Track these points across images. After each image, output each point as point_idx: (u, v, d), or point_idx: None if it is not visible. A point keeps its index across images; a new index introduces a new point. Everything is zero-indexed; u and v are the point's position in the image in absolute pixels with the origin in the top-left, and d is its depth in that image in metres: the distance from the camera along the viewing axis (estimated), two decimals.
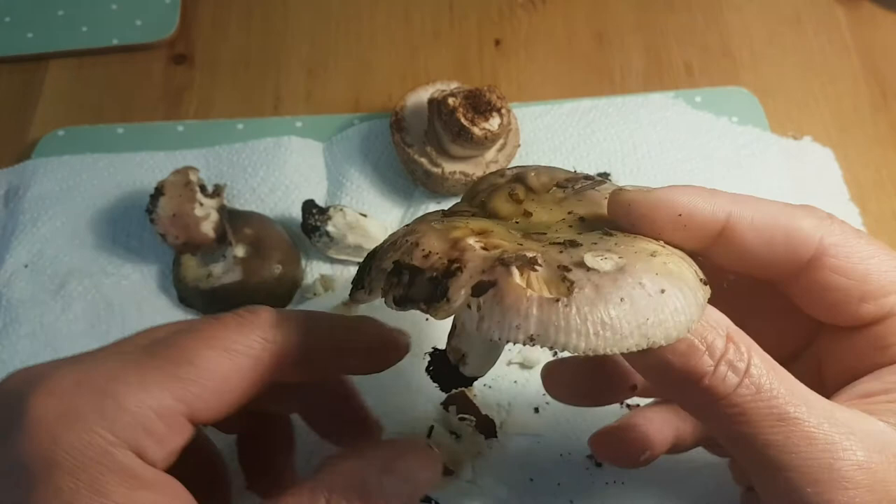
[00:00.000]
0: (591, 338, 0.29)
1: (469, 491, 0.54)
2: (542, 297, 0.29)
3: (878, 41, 0.78)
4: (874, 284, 0.35)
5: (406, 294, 0.32)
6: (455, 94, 0.63)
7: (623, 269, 0.30)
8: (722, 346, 0.31)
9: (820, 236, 0.35)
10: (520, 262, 0.31)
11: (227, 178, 0.70)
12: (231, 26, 0.82)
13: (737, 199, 0.36)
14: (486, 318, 0.30)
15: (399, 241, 0.34)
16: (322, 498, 0.35)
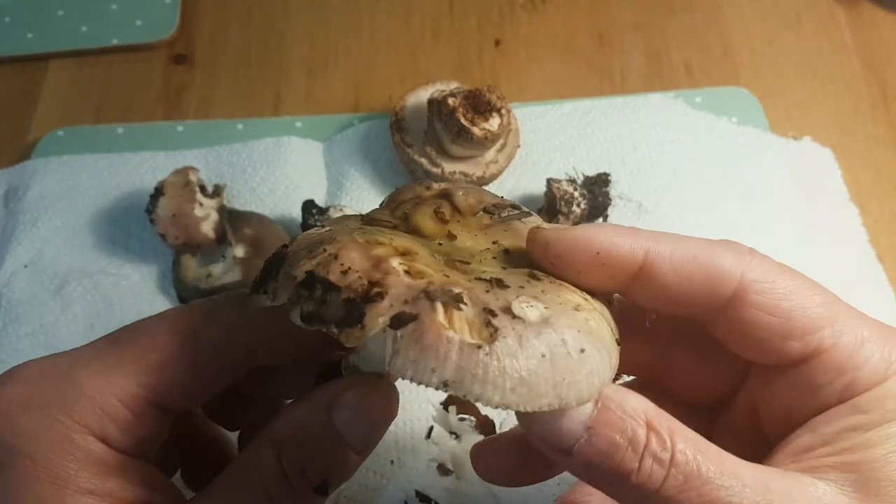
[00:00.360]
0: (506, 392, 0.28)
1: (469, 491, 0.54)
2: (463, 341, 0.28)
3: (877, 41, 0.78)
4: (798, 322, 0.34)
5: (317, 311, 0.30)
6: (455, 95, 0.63)
7: (548, 322, 0.30)
8: (643, 436, 0.30)
9: (741, 273, 0.34)
10: (445, 298, 0.29)
11: (226, 178, 0.70)
12: (231, 26, 0.82)
13: (656, 237, 0.35)
14: (401, 354, 0.28)
15: (315, 248, 0.31)
16: (271, 452, 0.34)
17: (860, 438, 0.32)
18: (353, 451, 0.35)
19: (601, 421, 0.30)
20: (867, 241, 0.65)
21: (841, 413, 0.33)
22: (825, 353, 0.34)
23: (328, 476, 0.34)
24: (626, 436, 0.30)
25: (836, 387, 0.34)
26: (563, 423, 0.30)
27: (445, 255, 0.35)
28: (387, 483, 0.54)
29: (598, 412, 0.30)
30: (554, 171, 0.69)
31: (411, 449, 0.55)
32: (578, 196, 0.64)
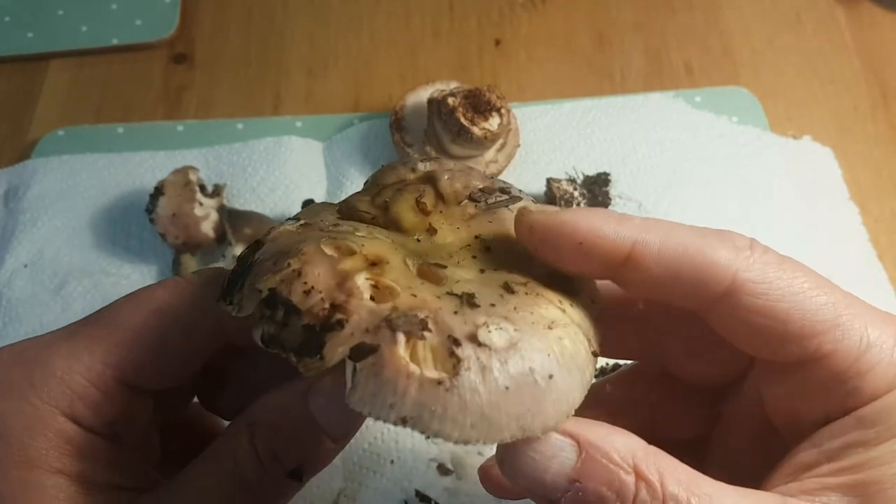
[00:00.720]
0: (466, 429, 0.27)
1: (469, 491, 0.54)
2: (423, 377, 0.27)
3: (877, 41, 0.78)
4: (796, 325, 0.32)
5: (277, 335, 0.29)
6: (455, 94, 0.63)
7: (516, 347, 0.28)
8: (632, 485, 0.29)
9: (734, 271, 0.32)
10: (408, 328, 0.27)
11: (226, 178, 0.70)
12: (231, 26, 0.82)
13: (646, 227, 0.33)
14: (359, 388, 0.27)
15: (280, 261, 0.30)
16: (246, 437, 0.34)
17: (865, 456, 0.31)
18: (329, 439, 0.34)
19: (586, 473, 0.29)
20: (867, 241, 0.65)
21: (846, 427, 0.32)
22: (825, 359, 0.32)
23: (303, 462, 0.34)
24: (614, 487, 0.29)
25: (837, 394, 0.32)
26: (546, 479, 0.29)
27: (421, 257, 0.33)
28: (387, 483, 0.54)
29: (583, 463, 0.29)
30: (554, 171, 0.69)
31: (411, 449, 0.55)
32: (578, 196, 0.64)
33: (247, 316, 0.30)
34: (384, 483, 0.54)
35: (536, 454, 0.29)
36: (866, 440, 0.31)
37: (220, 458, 0.34)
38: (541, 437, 0.29)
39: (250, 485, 0.34)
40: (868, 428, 0.31)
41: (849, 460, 0.31)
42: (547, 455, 0.29)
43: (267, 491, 0.34)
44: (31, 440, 0.33)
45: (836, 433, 0.32)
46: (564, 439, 0.30)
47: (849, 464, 0.31)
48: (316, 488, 0.54)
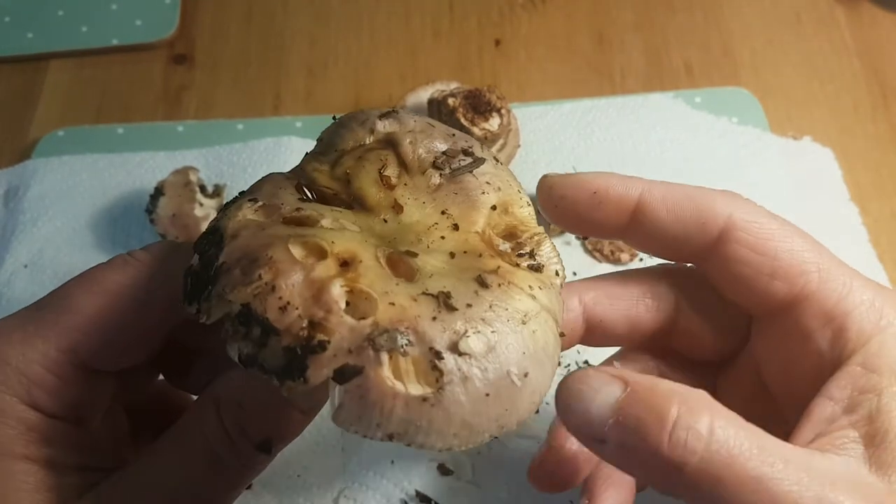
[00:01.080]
0: (449, 438, 0.28)
1: (469, 491, 0.54)
2: (408, 395, 0.27)
3: (877, 41, 0.78)
4: (784, 261, 0.35)
5: (256, 356, 0.28)
6: (455, 95, 0.63)
7: (494, 350, 0.29)
8: (676, 411, 0.29)
9: (730, 212, 0.36)
10: (390, 346, 0.28)
11: (227, 179, 0.70)
12: (231, 26, 0.82)
13: (650, 182, 0.37)
14: (345, 409, 0.27)
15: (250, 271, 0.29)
16: (213, 411, 0.34)
17: (877, 403, 0.32)
18: (297, 410, 0.34)
19: (629, 401, 0.30)
20: (867, 241, 0.65)
21: (852, 375, 0.33)
22: (812, 297, 0.35)
23: (271, 435, 0.34)
24: (656, 412, 0.29)
25: (825, 333, 0.34)
26: (592, 409, 0.30)
27: (390, 243, 0.33)
28: (387, 483, 0.54)
29: (627, 394, 0.30)
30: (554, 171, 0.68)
31: (411, 449, 0.55)
32: None
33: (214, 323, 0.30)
34: (384, 483, 0.54)
35: (584, 386, 0.31)
36: (875, 386, 0.32)
37: (189, 433, 0.34)
38: (590, 374, 0.31)
39: (220, 459, 0.34)
40: (872, 372, 0.33)
41: (863, 409, 0.32)
42: (595, 387, 0.31)
43: (236, 464, 0.34)
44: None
45: (845, 383, 0.33)
46: (611, 377, 0.31)
47: (864, 413, 0.32)
48: (316, 488, 0.54)
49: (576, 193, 0.37)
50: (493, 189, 0.37)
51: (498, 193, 0.37)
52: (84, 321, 0.35)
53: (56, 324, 0.35)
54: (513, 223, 0.36)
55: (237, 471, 0.35)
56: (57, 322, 0.35)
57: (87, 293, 0.35)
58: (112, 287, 0.36)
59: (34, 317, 0.35)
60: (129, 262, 0.37)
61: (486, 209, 0.36)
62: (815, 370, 0.35)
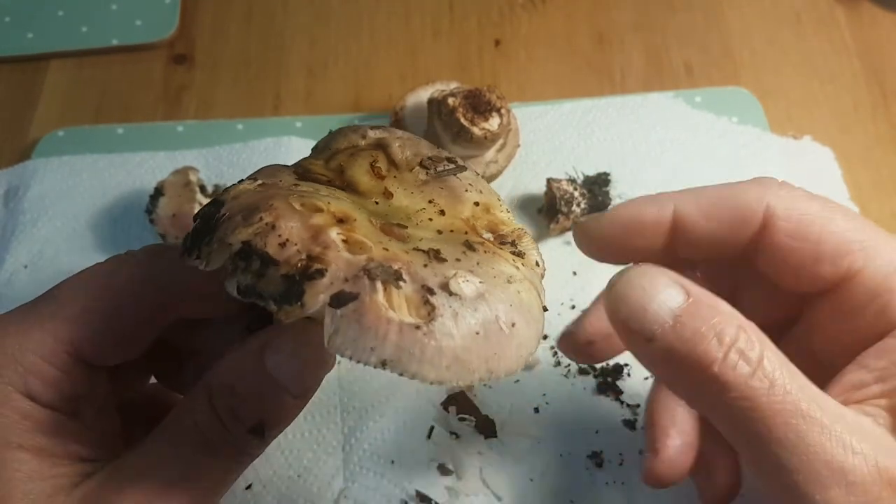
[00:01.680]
0: (441, 370, 0.29)
1: (469, 491, 0.54)
2: (402, 322, 0.28)
3: (877, 41, 0.78)
4: (828, 245, 0.35)
5: (254, 285, 0.29)
6: (455, 94, 0.63)
7: (483, 297, 0.30)
8: (733, 333, 0.30)
9: (766, 203, 0.35)
10: (385, 277, 0.29)
11: (227, 179, 0.70)
12: (231, 26, 0.82)
13: (679, 194, 0.37)
14: (340, 333, 0.28)
15: (251, 215, 0.30)
16: (205, 398, 0.34)
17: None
18: (289, 394, 0.35)
19: (690, 312, 0.30)
20: None
21: (889, 347, 0.34)
22: (857, 276, 0.35)
23: (263, 419, 0.35)
24: (715, 329, 0.30)
25: (871, 309, 0.34)
26: (650, 307, 0.30)
27: (382, 218, 0.34)
28: (387, 483, 0.54)
29: (689, 304, 0.30)
30: (554, 171, 0.69)
31: (411, 449, 0.55)
32: (578, 196, 0.64)
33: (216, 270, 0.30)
34: (384, 483, 0.54)
35: (648, 284, 0.31)
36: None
37: (182, 421, 0.35)
38: (656, 274, 0.31)
39: (213, 445, 0.34)
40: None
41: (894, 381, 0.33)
42: (658, 288, 0.31)
43: (229, 450, 0.35)
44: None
45: (882, 353, 0.34)
46: (676, 284, 0.31)
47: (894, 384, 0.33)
48: (316, 489, 0.54)
49: (612, 233, 0.37)
50: (475, 190, 0.38)
51: (480, 195, 0.38)
52: (80, 313, 0.36)
53: (53, 316, 0.35)
54: (494, 221, 0.37)
55: (230, 457, 0.35)
56: (54, 314, 0.35)
57: (83, 287, 0.37)
58: (108, 282, 0.36)
59: (32, 310, 0.36)
60: (124, 259, 0.38)
61: (470, 203, 0.37)
62: (861, 343, 0.35)
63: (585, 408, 0.57)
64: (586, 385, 0.58)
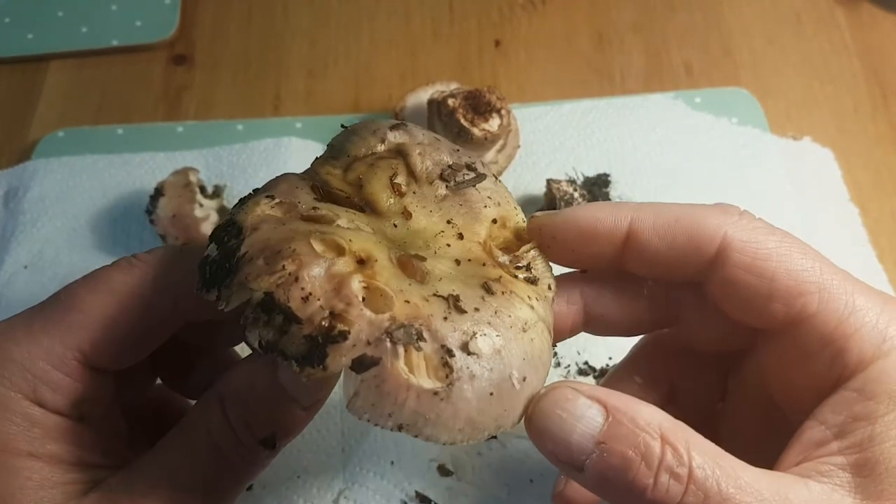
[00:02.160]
0: (454, 433, 0.30)
1: (469, 491, 0.54)
2: (421, 388, 0.29)
3: (877, 42, 0.78)
4: (782, 284, 0.34)
5: (277, 343, 0.29)
6: (455, 95, 0.63)
7: (500, 353, 0.31)
8: (658, 450, 0.29)
9: (724, 232, 0.34)
10: (407, 340, 0.29)
11: (227, 179, 0.70)
12: (231, 26, 0.82)
13: (639, 207, 0.36)
14: (360, 397, 0.28)
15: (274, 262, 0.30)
16: (218, 408, 0.34)
17: (870, 431, 0.31)
18: (299, 407, 0.35)
19: (612, 435, 0.30)
20: (867, 242, 0.65)
21: (846, 401, 0.32)
22: (810, 320, 0.34)
23: (275, 430, 0.35)
24: (640, 450, 0.29)
25: (824, 356, 0.33)
26: (572, 440, 0.30)
27: (401, 247, 0.34)
28: (387, 483, 0.54)
29: (609, 426, 0.30)
30: (554, 172, 0.69)
31: (411, 449, 0.55)
32: (578, 196, 0.64)
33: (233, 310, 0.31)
34: (384, 483, 0.54)
35: (564, 413, 0.31)
36: (868, 413, 0.32)
37: (194, 429, 0.35)
38: (570, 399, 0.31)
39: (225, 454, 0.34)
40: (868, 400, 0.32)
41: (855, 436, 0.32)
42: (575, 415, 0.30)
43: (241, 460, 0.35)
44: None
45: (839, 407, 0.33)
46: (592, 403, 0.31)
47: (855, 440, 0.31)
48: (316, 489, 0.54)
49: (566, 231, 0.36)
50: (493, 203, 0.38)
51: (498, 208, 0.38)
52: (89, 319, 0.35)
53: (61, 321, 0.35)
54: (510, 238, 0.38)
55: (241, 466, 0.35)
56: (62, 320, 0.35)
57: (92, 292, 0.36)
58: (117, 287, 0.36)
59: (39, 315, 0.36)
60: (134, 263, 0.37)
61: (488, 222, 0.38)
62: (815, 388, 0.34)
63: None
64: None
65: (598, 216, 0.36)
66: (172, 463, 0.35)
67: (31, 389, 0.34)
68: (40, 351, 0.34)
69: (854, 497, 0.30)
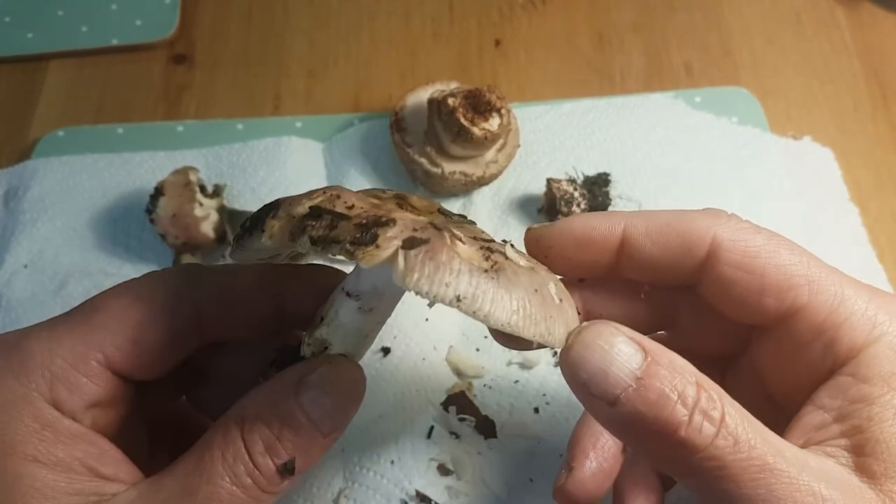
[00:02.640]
0: (510, 314, 0.30)
1: (469, 491, 0.54)
2: (472, 264, 0.30)
3: (877, 42, 0.78)
4: (772, 278, 0.35)
5: (328, 234, 0.30)
6: (455, 95, 0.63)
7: (535, 269, 0.33)
8: (694, 393, 0.30)
9: (713, 233, 0.36)
10: (450, 232, 0.30)
11: (227, 179, 0.70)
12: (231, 26, 0.82)
13: (632, 215, 0.37)
14: (417, 270, 0.29)
15: (311, 193, 0.32)
16: (237, 431, 0.34)
17: (867, 412, 0.32)
18: (320, 434, 0.35)
19: (651, 373, 0.30)
20: (867, 241, 0.65)
21: (842, 385, 0.33)
22: (801, 311, 0.35)
23: (295, 456, 0.34)
24: (677, 389, 0.30)
25: (817, 345, 0.34)
26: (611, 371, 0.30)
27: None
28: (387, 483, 0.54)
29: (649, 365, 0.30)
30: (554, 171, 0.69)
31: (411, 449, 0.55)
32: (578, 196, 0.64)
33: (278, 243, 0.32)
34: (384, 483, 0.54)
35: (606, 345, 0.31)
36: (864, 396, 0.33)
37: (210, 452, 0.34)
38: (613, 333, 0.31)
39: (241, 479, 0.34)
40: (863, 383, 0.33)
41: (853, 419, 0.32)
42: (616, 349, 0.31)
43: (258, 485, 0.34)
44: (6, 425, 0.33)
45: (836, 392, 0.33)
46: (631, 342, 0.31)
47: (856, 422, 0.32)
48: (316, 489, 0.54)
49: (562, 241, 0.37)
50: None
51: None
52: (113, 322, 0.35)
53: (85, 323, 0.35)
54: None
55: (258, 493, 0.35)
56: (87, 322, 0.35)
57: (118, 297, 0.36)
58: (143, 293, 0.36)
59: (64, 318, 0.36)
60: (160, 273, 0.38)
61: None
62: (810, 378, 0.35)
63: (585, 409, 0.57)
64: None
65: (592, 224, 0.37)
66: (186, 486, 0.34)
67: (48, 388, 0.34)
68: (62, 350, 0.34)
69: (860, 477, 0.31)
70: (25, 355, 0.34)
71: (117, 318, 0.35)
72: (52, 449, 0.33)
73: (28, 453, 0.33)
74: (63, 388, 0.34)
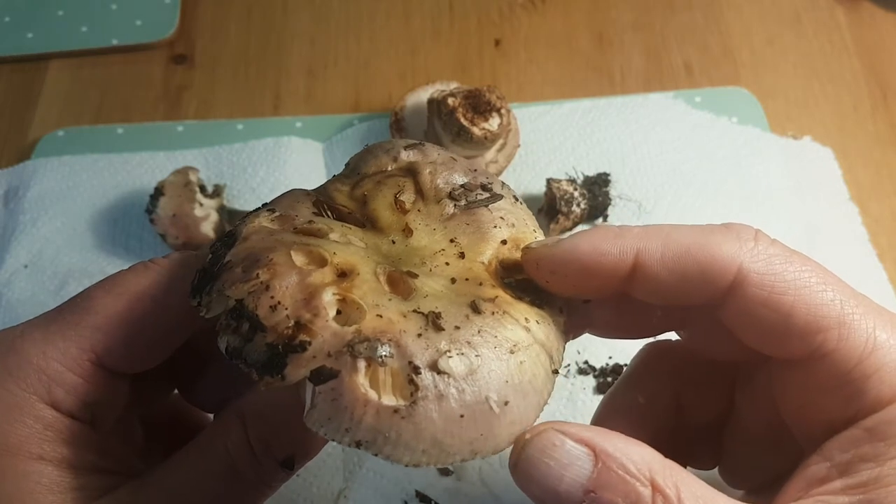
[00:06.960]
0: (417, 454, 0.28)
1: (469, 491, 0.54)
2: (380, 404, 0.28)
3: (877, 42, 0.78)
4: (799, 319, 0.31)
5: (241, 350, 0.29)
6: (455, 94, 0.63)
7: (475, 374, 0.29)
8: (649, 497, 0.29)
9: (739, 263, 0.32)
10: (369, 354, 0.28)
11: (227, 179, 0.70)
12: (231, 26, 0.82)
13: (647, 235, 0.33)
14: (317, 411, 0.28)
15: (250, 269, 0.30)
16: (239, 426, 0.34)
17: (877, 472, 0.30)
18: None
19: (601, 483, 0.29)
20: (867, 241, 0.65)
21: (856, 438, 0.31)
22: (828, 357, 0.32)
23: (295, 452, 0.35)
24: (630, 499, 0.28)
25: (839, 396, 0.32)
26: (560, 489, 0.29)
27: (394, 263, 0.34)
28: (387, 483, 0.54)
29: (599, 473, 0.29)
30: (554, 171, 0.69)
31: None
32: (578, 196, 0.64)
33: (213, 318, 0.31)
34: (384, 483, 0.54)
35: (552, 461, 0.29)
36: (877, 454, 0.30)
37: (212, 446, 0.35)
38: (556, 445, 0.29)
39: (242, 473, 0.34)
40: (878, 441, 0.30)
41: (860, 476, 0.30)
42: (563, 463, 0.29)
43: (258, 479, 0.35)
44: (9, 427, 0.33)
45: (847, 445, 0.31)
46: (580, 448, 0.29)
47: (860, 480, 0.30)
48: (316, 488, 0.54)
49: (566, 267, 0.33)
50: (506, 224, 0.37)
51: (511, 229, 0.37)
52: (104, 321, 0.35)
53: (77, 324, 0.35)
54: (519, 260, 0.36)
55: (258, 486, 0.35)
56: (78, 322, 0.35)
57: (107, 295, 0.36)
58: (132, 289, 0.36)
59: (56, 318, 0.36)
60: (149, 266, 0.37)
61: (496, 242, 0.36)
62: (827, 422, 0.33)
63: (585, 407, 0.57)
64: (586, 385, 0.58)
65: (601, 250, 0.33)
66: (188, 477, 0.34)
67: (45, 391, 0.34)
68: (56, 353, 0.34)
69: None
70: (22, 359, 0.34)
71: (107, 316, 0.35)
72: (56, 447, 0.34)
73: (33, 452, 0.33)
74: (60, 389, 0.34)
